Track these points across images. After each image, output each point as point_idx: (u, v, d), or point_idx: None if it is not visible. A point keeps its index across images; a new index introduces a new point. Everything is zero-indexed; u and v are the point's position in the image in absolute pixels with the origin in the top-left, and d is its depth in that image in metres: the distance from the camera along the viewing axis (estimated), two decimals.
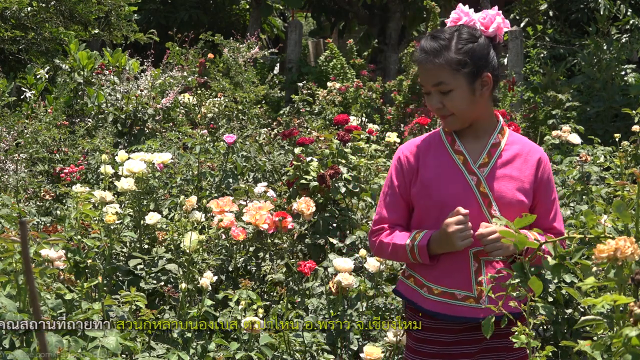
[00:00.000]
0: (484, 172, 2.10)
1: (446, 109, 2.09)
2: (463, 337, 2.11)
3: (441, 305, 2.10)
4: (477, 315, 2.05)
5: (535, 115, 7.33)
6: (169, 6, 14.57)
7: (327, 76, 10.43)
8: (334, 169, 3.68)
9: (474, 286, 2.07)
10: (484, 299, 2.05)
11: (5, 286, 2.29)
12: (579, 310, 3.43)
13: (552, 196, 2.15)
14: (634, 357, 1.32)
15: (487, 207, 2.07)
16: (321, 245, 3.64)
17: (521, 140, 2.19)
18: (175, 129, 6.19)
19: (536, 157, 2.15)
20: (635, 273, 1.42)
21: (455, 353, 2.12)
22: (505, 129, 2.19)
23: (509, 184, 2.09)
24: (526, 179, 2.11)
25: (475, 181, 2.09)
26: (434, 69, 2.07)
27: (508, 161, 2.12)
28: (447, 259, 2.09)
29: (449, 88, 2.07)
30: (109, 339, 2.27)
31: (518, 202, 2.08)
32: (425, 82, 2.11)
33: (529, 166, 2.13)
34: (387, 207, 2.20)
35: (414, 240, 2.10)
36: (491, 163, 2.11)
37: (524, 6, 11.07)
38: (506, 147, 2.14)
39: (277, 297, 3.43)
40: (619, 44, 8.02)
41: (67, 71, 7.35)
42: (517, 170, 2.12)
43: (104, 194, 3.18)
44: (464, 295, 2.08)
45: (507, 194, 2.08)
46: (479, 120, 2.15)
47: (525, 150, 2.16)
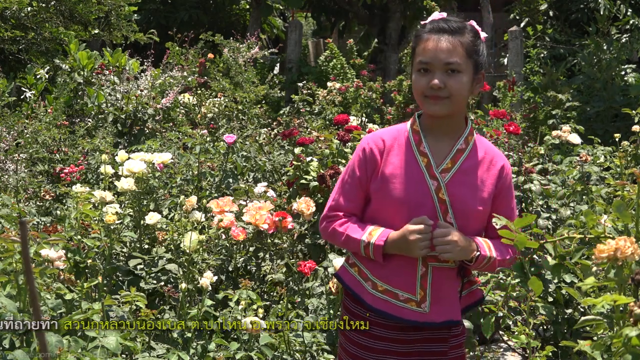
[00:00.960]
0: (445, 178, 2.08)
1: (446, 89, 2.05)
2: (400, 335, 2.13)
3: (383, 303, 2.11)
4: (416, 319, 2.08)
5: (535, 115, 7.33)
6: (169, 6, 14.58)
7: (327, 76, 10.43)
8: (334, 169, 3.68)
9: (418, 290, 2.08)
10: (425, 304, 2.07)
11: (5, 286, 2.29)
12: (579, 310, 3.43)
13: (511, 204, 2.14)
14: (634, 357, 1.32)
15: (442, 213, 2.06)
16: (321, 245, 3.64)
17: (486, 147, 2.16)
18: (175, 129, 6.19)
19: (499, 165, 2.12)
20: (635, 273, 1.42)
21: (384, 349, 2.13)
22: (473, 134, 2.16)
23: (469, 192, 2.07)
24: (486, 188, 2.09)
25: (435, 186, 2.07)
26: (450, 47, 2.05)
27: (471, 169, 2.10)
28: (397, 259, 2.10)
29: (460, 69, 2.05)
30: (109, 339, 2.27)
31: (475, 211, 2.08)
32: (435, 59, 2.05)
33: (491, 175, 2.11)
34: (345, 195, 2.18)
35: (370, 237, 2.10)
36: (454, 169, 2.09)
37: (524, 6, 11.07)
38: (471, 154, 2.12)
39: (277, 297, 3.43)
40: (619, 44, 8.02)
41: (67, 71, 7.35)
42: (479, 178, 2.10)
43: (104, 194, 3.18)
44: (407, 297, 2.09)
45: (466, 203, 2.07)
46: (454, 117, 2.13)
47: (488, 158, 2.13)
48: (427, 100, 2.08)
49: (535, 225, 3.64)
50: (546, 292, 3.33)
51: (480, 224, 2.12)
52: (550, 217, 3.77)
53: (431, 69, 2.06)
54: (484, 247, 2.06)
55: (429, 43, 2.07)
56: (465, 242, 2.03)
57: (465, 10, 14.97)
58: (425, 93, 2.07)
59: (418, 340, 2.11)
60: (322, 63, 11.13)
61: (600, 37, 8.32)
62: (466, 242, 2.03)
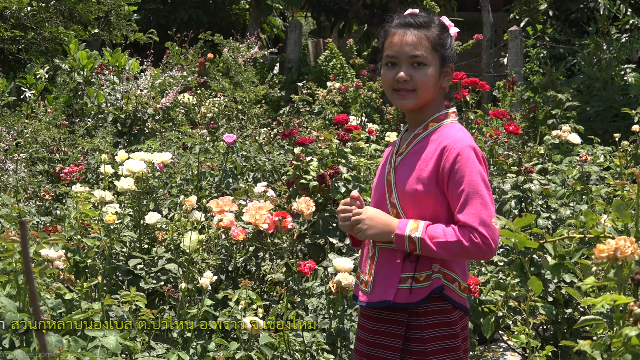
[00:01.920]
0: (397, 162, 2.16)
1: (413, 82, 2.11)
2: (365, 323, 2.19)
3: (355, 288, 2.25)
4: (363, 300, 2.15)
5: (535, 115, 7.32)
6: (169, 6, 14.58)
7: (327, 76, 10.43)
8: (334, 169, 3.68)
9: (367, 271, 2.16)
10: (369, 284, 2.14)
11: (5, 286, 2.29)
12: (579, 310, 3.43)
13: (460, 187, 2.02)
14: (634, 357, 1.32)
15: (389, 194, 2.14)
16: (321, 245, 3.64)
17: (446, 133, 2.13)
18: (175, 129, 6.19)
19: (442, 147, 2.08)
20: (635, 273, 1.42)
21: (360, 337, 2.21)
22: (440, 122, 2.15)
23: (408, 173, 2.11)
24: (426, 168, 2.08)
25: (388, 170, 2.18)
26: (416, 41, 2.11)
27: (417, 151, 2.13)
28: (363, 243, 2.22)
29: (425, 62, 2.11)
30: (109, 339, 2.27)
31: (413, 191, 2.08)
32: (400, 53, 2.11)
33: (435, 156, 2.08)
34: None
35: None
36: (405, 153, 2.16)
37: (524, 6, 11.07)
38: (425, 138, 2.14)
39: (277, 297, 3.43)
40: (619, 44, 8.02)
41: (67, 71, 7.35)
42: (422, 160, 2.11)
43: (104, 194, 3.18)
44: (362, 279, 2.19)
45: (405, 183, 2.11)
46: (426, 109, 2.16)
47: (438, 140, 2.11)
48: (395, 95, 2.15)
49: (535, 225, 3.64)
50: (546, 292, 3.33)
51: (429, 208, 2.07)
52: (550, 217, 3.77)
53: (398, 62, 2.13)
54: (406, 227, 2.03)
55: (396, 37, 2.14)
56: (379, 221, 2.07)
57: (466, 11, 14.97)
58: (393, 86, 2.14)
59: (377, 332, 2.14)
60: (322, 63, 11.13)
61: (600, 37, 8.32)
62: (382, 222, 2.07)
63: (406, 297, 2.06)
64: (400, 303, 2.06)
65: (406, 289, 2.06)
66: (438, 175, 2.06)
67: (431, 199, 2.06)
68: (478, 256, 2.05)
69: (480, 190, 2.02)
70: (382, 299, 2.08)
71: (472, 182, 2.02)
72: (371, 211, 2.10)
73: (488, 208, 2.00)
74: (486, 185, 2.05)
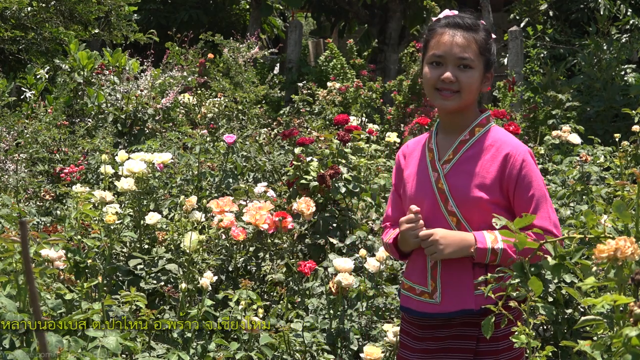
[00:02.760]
0: (446, 169, 2.11)
1: (458, 83, 2.08)
2: (426, 334, 2.15)
3: (406, 299, 2.18)
4: (429, 311, 2.10)
5: (535, 115, 7.32)
6: (169, 6, 14.57)
7: (327, 76, 10.42)
8: (334, 169, 3.68)
9: (429, 281, 2.11)
10: (436, 295, 2.09)
11: (5, 286, 2.29)
12: (579, 310, 3.43)
13: (529, 192, 2.06)
14: (634, 357, 1.32)
15: (443, 203, 2.09)
16: (321, 245, 3.64)
17: (497, 136, 2.14)
18: (175, 129, 6.19)
19: (504, 152, 2.09)
20: (635, 273, 1.42)
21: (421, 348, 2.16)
22: (485, 126, 2.15)
23: (467, 180, 2.08)
24: (489, 175, 2.07)
25: (435, 177, 2.12)
26: (465, 43, 2.09)
27: (472, 157, 2.11)
28: (413, 255, 2.17)
29: (472, 65, 2.09)
30: (109, 339, 2.27)
31: (475, 199, 2.06)
32: (449, 53, 2.09)
33: (495, 162, 2.08)
34: (390, 205, 2.30)
35: (388, 239, 2.22)
36: (454, 159, 2.12)
37: (524, 6, 11.06)
38: (475, 144, 2.12)
39: (277, 297, 3.43)
40: (619, 44, 8.01)
41: (67, 71, 7.35)
42: (481, 166, 2.09)
43: (104, 194, 3.18)
44: (421, 290, 2.13)
45: (465, 190, 2.07)
46: (466, 112, 2.15)
47: (495, 145, 2.11)
48: (437, 94, 2.12)
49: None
50: (546, 292, 3.32)
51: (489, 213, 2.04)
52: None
53: (444, 62, 2.10)
54: (484, 239, 2.02)
55: (444, 37, 2.11)
56: (453, 238, 2.03)
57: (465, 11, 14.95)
58: (436, 85, 2.11)
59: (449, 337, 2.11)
60: (322, 63, 11.13)
61: (600, 37, 8.32)
62: (456, 239, 2.03)
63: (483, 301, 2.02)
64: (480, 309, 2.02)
65: (481, 294, 2.03)
66: (502, 182, 2.07)
67: (493, 205, 2.07)
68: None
69: (546, 193, 2.09)
70: (461, 308, 2.06)
71: (539, 186, 2.08)
72: (441, 231, 2.04)
73: (554, 210, 2.09)
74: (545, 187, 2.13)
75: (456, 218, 2.08)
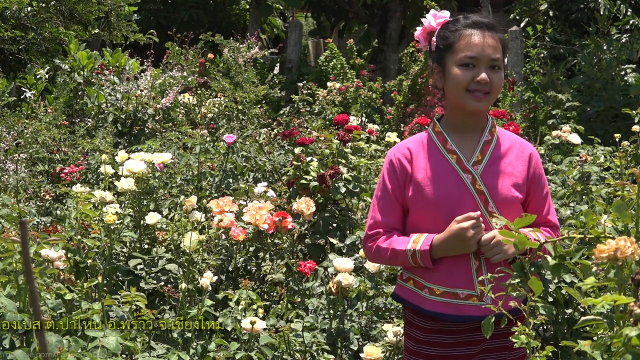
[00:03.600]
0: (479, 170, 2.09)
1: (490, 84, 2.08)
2: (464, 338, 2.10)
3: (443, 306, 2.08)
4: (481, 314, 2.04)
5: (535, 115, 7.32)
6: (169, 6, 14.57)
7: (327, 76, 10.42)
8: (334, 169, 3.68)
9: (476, 284, 2.06)
10: (486, 297, 2.04)
11: (5, 286, 2.29)
12: (579, 310, 3.43)
13: (544, 190, 2.16)
14: (634, 357, 1.32)
15: (484, 204, 2.07)
16: (321, 245, 3.64)
17: (511, 137, 2.19)
18: (175, 129, 6.19)
19: (527, 152, 2.15)
20: (635, 273, 1.42)
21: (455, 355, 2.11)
22: (495, 126, 2.19)
23: (504, 180, 2.09)
24: (519, 174, 2.12)
25: (470, 179, 2.08)
26: (495, 44, 2.09)
27: (501, 157, 2.12)
28: (449, 259, 2.08)
29: (500, 65, 2.10)
30: (109, 339, 2.27)
31: (513, 198, 2.09)
32: (482, 55, 2.06)
33: (521, 162, 2.13)
34: (382, 211, 2.17)
35: (415, 245, 2.08)
36: (485, 160, 2.11)
37: (524, 6, 11.06)
38: (498, 144, 2.14)
39: (277, 297, 3.43)
40: (619, 44, 8.01)
41: (67, 71, 7.35)
42: (511, 166, 2.12)
43: (104, 194, 3.18)
44: (467, 294, 2.07)
45: (503, 190, 2.08)
46: (484, 114, 2.16)
47: (516, 146, 2.16)
48: (469, 96, 2.08)
49: None
50: (546, 292, 3.32)
51: (519, 211, 2.09)
52: None
53: (477, 64, 2.07)
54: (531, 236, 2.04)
55: (475, 38, 2.08)
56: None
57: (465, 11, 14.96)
58: (469, 87, 2.08)
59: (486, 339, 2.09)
60: (322, 63, 11.13)
61: (600, 37, 8.32)
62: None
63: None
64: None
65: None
66: (527, 181, 2.13)
67: (521, 203, 2.12)
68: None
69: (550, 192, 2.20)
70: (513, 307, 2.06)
71: (547, 185, 2.19)
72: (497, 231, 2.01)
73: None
74: None
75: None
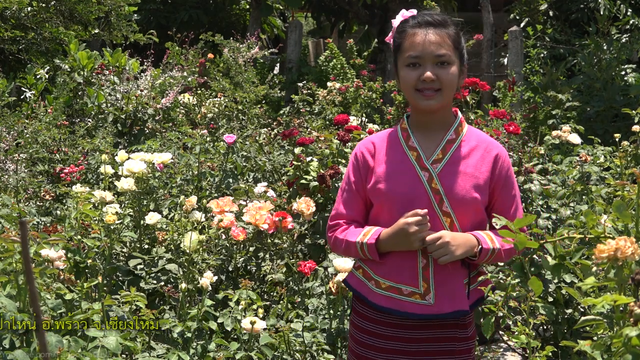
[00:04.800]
0: (437, 168, 2.08)
1: (439, 82, 2.07)
2: (404, 334, 2.12)
3: (387, 300, 2.11)
4: (421, 312, 2.07)
5: (535, 115, 7.32)
6: (169, 6, 14.57)
7: (327, 76, 10.42)
8: (334, 169, 3.68)
9: (420, 282, 2.07)
10: (429, 296, 2.06)
11: (5, 286, 2.29)
12: (579, 310, 3.43)
13: (511, 192, 2.12)
14: (634, 357, 1.32)
15: (438, 203, 2.06)
16: (321, 245, 3.64)
17: (479, 136, 2.16)
18: (175, 129, 6.19)
19: (494, 153, 2.11)
20: (635, 273, 1.42)
21: (392, 349, 2.12)
22: (464, 125, 2.16)
23: (462, 180, 2.07)
24: (482, 175, 2.08)
25: (427, 177, 2.08)
26: (439, 40, 2.08)
27: (463, 157, 2.10)
28: (397, 254, 2.10)
29: (449, 61, 2.08)
30: (109, 339, 2.27)
31: (471, 199, 2.06)
32: (425, 52, 2.07)
33: (486, 162, 2.10)
34: (344, 203, 2.20)
35: (364, 238, 2.11)
36: (445, 159, 2.10)
37: (524, 6, 11.06)
38: (462, 143, 2.12)
39: (277, 297, 3.43)
40: (619, 44, 8.01)
41: (67, 71, 7.35)
42: (472, 166, 2.09)
43: (104, 194, 3.18)
44: (410, 291, 2.08)
45: (460, 191, 2.06)
46: (447, 109, 2.14)
47: (482, 146, 2.12)
48: (419, 95, 2.09)
49: (535, 225, 3.64)
50: (546, 292, 3.33)
51: (480, 214, 2.10)
52: (550, 217, 3.77)
53: (421, 62, 2.08)
54: (485, 240, 2.05)
55: (417, 37, 2.09)
56: (461, 239, 2.02)
57: (465, 11, 14.97)
58: (417, 86, 2.09)
59: (426, 339, 2.10)
60: (322, 63, 11.12)
61: (600, 37, 8.32)
62: (463, 240, 2.02)
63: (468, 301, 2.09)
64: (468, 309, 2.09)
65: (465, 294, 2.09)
66: (491, 182, 2.09)
67: (483, 205, 2.10)
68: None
69: (519, 194, 2.15)
70: (456, 309, 2.06)
71: (517, 186, 2.14)
72: (448, 233, 2.02)
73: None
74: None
75: (450, 219, 2.06)
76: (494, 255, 2.06)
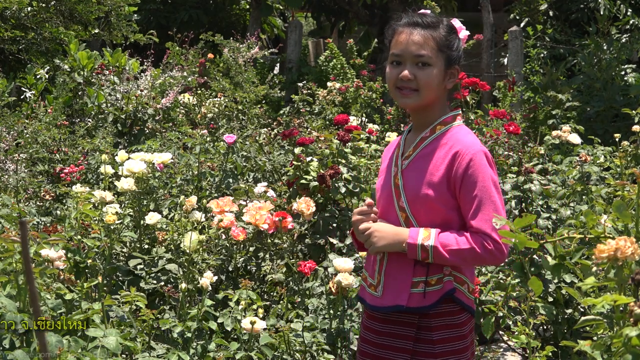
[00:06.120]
0: (404, 165, 2.14)
1: (416, 82, 2.10)
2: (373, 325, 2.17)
3: (362, 290, 2.24)
4: (374, 304, 2.14)
5: (535, 115, 7.33)
6: (169, 6, 14.57)
7: (327, 76, 10.42)
8: (334, 169, 3.68)
9: (376, 275, 2.15)
10: (379, 288, 2.13)
11: (5, 286, 2.29)
12: (579, 310, 3.43)
13: (472, 193, 2.03)
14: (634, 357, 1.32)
15: (396, 198, 2.12)
16: (321, 245, 3.64)
17: (455, 136, 2.12)
18: (175, 129, 6.19)
19: (453, 151, 2.07)
20: (635, 273, 1.42)
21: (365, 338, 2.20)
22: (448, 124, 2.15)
23: (418, 177, 2.09)
24: (437, 172, 2.07)
25: (394, 173, 2.16)
26: (421, 40, 2.11)
27: (426, 154, 2.12)
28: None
29: (429, 62, 2.10)
30: (109, 339, 2.27)
31: (423, 196, 2.06)
32: (406, 51, 2.11)
33: (444, 160, 2.08)
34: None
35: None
36: (413, 155, 2.14)
37: (524, 6, 11.06)
38: (434, 141, 2.13)
39: (277, 297, 3.43)
40: (619, 44, 8.01)
41: (67, 71, 7.35)
42: (433, 164, 2.09)
43: (104, 194, 3.18)
44: (370, 282, 2.18)
45: (414, 187, 2.09)
46: (430, 109, 2.16)
47: (448, 144, 2.10)
48: (398, 93, 2.15)
49: (535, 225, 3.64)
50: (546, 292, 3.33)
51: (440, 213, 2.06)
52: (550, 217, 3.77)
53: (402, 61, 2.13)
54: (416, 236, 2.02)
55: (402, 36, 2.14)
56: (388, 232, 2.06)
57: (466, 11, 14.97)
58: (397, 84, 2.14)
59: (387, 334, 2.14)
60: (322, 63, 11.12)
61: (600, 37, 8.32)
62: (391, 232, 2.06)
63: (419, 301, 2.05)
64: (413, 307, 2.06)
65: (419, 293, 2.06)
66: (449, 180, 2.06)
67: (442, 204, 2.06)
68: (489, 262, 2.05)
69: (492, 195, 2.03)
70: (395, 304, 2.07)
71: (485, 187, 2.03)
72: (378, 224, 2.08)
73: (500, 213, 2.00)
74: (497, 190, 2.06)
75: (405, 214, 2.09)
76: (433, 254, 2.01)
